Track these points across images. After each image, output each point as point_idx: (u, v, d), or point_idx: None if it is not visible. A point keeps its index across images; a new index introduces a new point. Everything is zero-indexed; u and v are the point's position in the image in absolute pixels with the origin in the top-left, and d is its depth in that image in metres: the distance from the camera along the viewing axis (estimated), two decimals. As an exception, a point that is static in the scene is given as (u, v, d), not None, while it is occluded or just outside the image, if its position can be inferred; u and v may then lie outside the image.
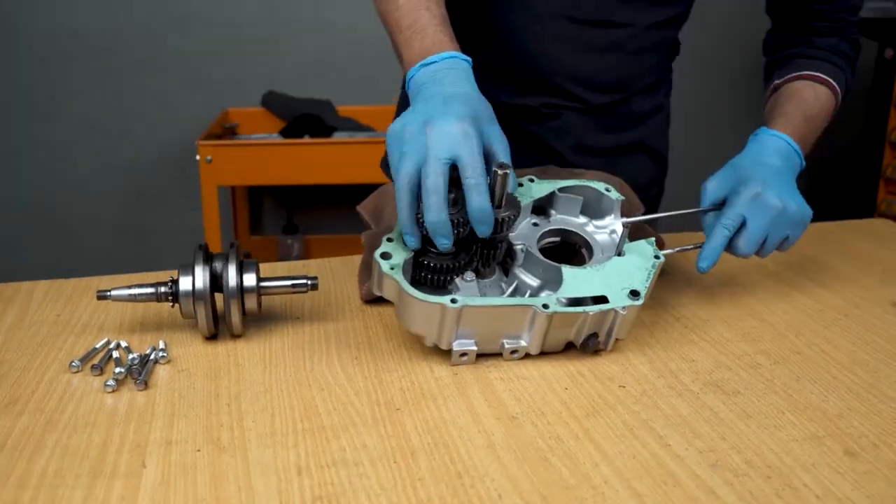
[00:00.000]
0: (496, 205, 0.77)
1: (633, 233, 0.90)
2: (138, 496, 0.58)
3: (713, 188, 0.90)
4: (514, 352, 0.78)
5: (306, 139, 2.28)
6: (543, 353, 0.79)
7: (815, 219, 0.95)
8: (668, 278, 1.00)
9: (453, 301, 0.72)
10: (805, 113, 0.99)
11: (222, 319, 0.84)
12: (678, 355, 0.81)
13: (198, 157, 2.07)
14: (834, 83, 1.04)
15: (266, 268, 1.04)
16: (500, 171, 0.75)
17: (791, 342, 0.84)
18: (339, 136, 2.41)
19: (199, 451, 0.64)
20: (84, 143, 2.67)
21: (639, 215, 0.91)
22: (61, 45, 2.54)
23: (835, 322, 0.89)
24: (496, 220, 0.76)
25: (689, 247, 0.90)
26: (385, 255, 0.76)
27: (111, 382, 0.73)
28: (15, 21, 2.51)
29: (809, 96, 1.01)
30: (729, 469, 0.62)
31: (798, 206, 0.89)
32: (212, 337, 0.83)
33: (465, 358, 0.77)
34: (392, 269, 0.75)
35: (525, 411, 0.70)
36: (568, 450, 0.64)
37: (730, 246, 0.88)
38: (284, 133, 2.41)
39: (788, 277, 1.01)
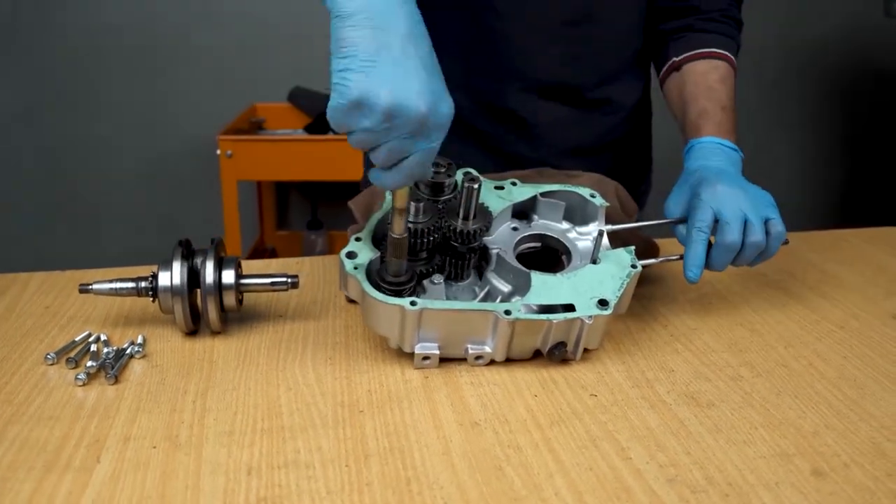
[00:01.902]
0: (465, 216, 0.77)
1: (628, 238, 0.88)
2: (85, 491, 0.59)
3: (674, 203, 0.89)
4: (478, 357, 0.76)
5: (329, 135, 2.28)
6: (516, 360, 0.78)
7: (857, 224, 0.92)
8: (662, 285, 0.98)
9: (413, 304, 0.71)
10: (721, 103, 0.98)
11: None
12: (658, 364, 0.79)
13: (218, 152, 2.09)
14: (732, 57, 1.04)
15: (274, 263, 1.05)
16: (470, 185, 0.75)
17: (779, 354, 0.81)
18: None
19: (155, 447, 0.64)
20: (115, 136, 2.71)
21: (630, 222, 0.89)
22: (94, 40, 2.58)
23: (829, 334, 0.86)
24: (465, 231, 0.76)
25: (673, 257, 0.88)
26: (350, 255, 0.76)
27: (82, 376, 0.74)
28: (52, 18, 2.56)
29: (716, 82, 1.00)
30: (687, 485, 0.60)
31: (758, 190, 0.88)
32: (191, 333, 0.83)
33: (427, 361, 0.76)
34: (356, 268, 0.74)
35: (489, 418, 0.69)
36: (524, 459, 0.63)
37: (718, 246, 0.84)
38: (309, 129, 2.41)
39: (789, 286, 0.98)
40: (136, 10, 2.56)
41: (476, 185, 0.75)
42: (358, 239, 0.78)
